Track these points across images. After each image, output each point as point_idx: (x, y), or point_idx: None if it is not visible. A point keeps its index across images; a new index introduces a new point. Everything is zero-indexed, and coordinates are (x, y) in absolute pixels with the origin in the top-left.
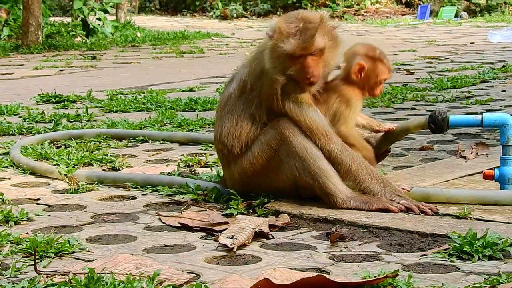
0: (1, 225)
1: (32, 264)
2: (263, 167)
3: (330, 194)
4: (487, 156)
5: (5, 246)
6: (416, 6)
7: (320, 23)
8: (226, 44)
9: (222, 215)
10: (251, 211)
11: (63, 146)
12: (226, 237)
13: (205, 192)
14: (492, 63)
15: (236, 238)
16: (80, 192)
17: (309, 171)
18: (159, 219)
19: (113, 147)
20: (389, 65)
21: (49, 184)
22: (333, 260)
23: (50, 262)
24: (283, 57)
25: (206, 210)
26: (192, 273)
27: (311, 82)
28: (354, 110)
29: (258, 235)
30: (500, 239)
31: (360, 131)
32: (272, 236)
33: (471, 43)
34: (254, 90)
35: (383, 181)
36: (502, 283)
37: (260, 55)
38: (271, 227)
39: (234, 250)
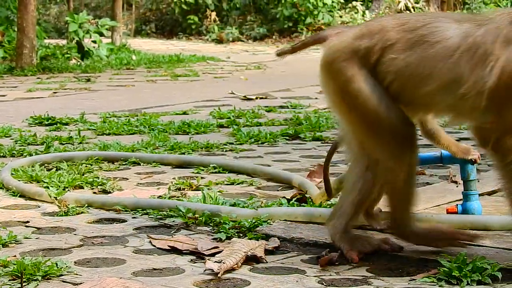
0: None
1: (19, 287)
2: None
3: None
4: (478, 181)
5: None
6: None
7: None
8: (221, 68)
9: (212, 239)
10: (242, 234)
11: (54, 169)
12: (214, 261)
13: (195, 215)
14: None
15: (224, 263)
16: (70, 215)
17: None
18: (150, 242)
19: (104, 170)
20: None
21: (39, 207)
22: (323, 284)
23: (37, 285)
24: None
25: (196, 234)
26: None
27: None
28: None
29: (251, 259)
30: (489, 264)
31: None
32: (266, 260)
33: None
34: None
35: None
36: None
37: None
38: None
39: (219, 274)
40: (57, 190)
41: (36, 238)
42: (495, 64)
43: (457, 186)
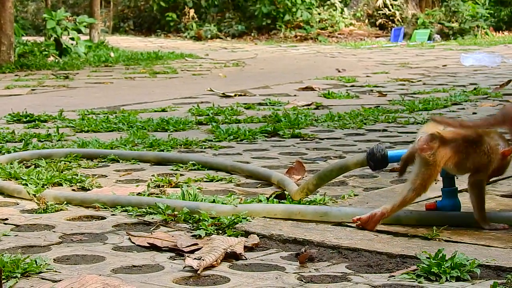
0: None
1: None
2: None
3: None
4: (457, 178)
5: None
6: (389, 28)
7: None
8: (200, 65)
9: (191, 235)
10: (221, 231)
11: (33, 166)
12: (194, 258)
13: (174, 212)
14: (464, 86)
15: (203, 260)
16: (49, 212)
17: None
18: (129, 239)
19: (83, 167)
20: None
21: (18, 204)
22: (302, 281)
23: (17, 282)
24: None
25: (175, 231)
26: None
27: None
28: None
29: (231, 256)
30: (468, 260)
31: None
32: (245, 257)
33: (443, 65)
34: None
35: None
36: None
37: None
38: None
39: (199, 271)
40: (35, 187)
41: (15, 236)
42: None
43: (436, 183)
